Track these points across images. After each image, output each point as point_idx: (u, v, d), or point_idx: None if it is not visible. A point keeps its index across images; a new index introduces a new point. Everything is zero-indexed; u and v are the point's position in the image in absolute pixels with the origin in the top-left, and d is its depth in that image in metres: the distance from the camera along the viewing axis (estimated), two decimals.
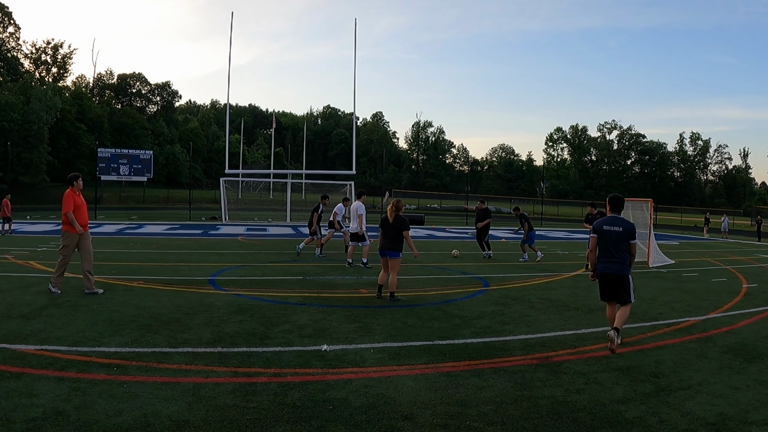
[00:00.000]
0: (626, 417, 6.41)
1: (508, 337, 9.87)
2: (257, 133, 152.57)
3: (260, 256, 20.17)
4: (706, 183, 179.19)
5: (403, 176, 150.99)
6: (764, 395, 7.45)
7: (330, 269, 17.42)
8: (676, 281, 18.28)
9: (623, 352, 9.21)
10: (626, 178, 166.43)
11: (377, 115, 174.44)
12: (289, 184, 47.94)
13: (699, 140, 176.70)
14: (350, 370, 7.62)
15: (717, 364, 8.83)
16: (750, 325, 11.86)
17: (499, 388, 7.10)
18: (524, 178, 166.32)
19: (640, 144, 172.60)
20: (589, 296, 14.41)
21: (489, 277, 16.79)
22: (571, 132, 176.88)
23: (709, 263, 25.30)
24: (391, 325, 10.25)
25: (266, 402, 6.34)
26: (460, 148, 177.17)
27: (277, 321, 10.25)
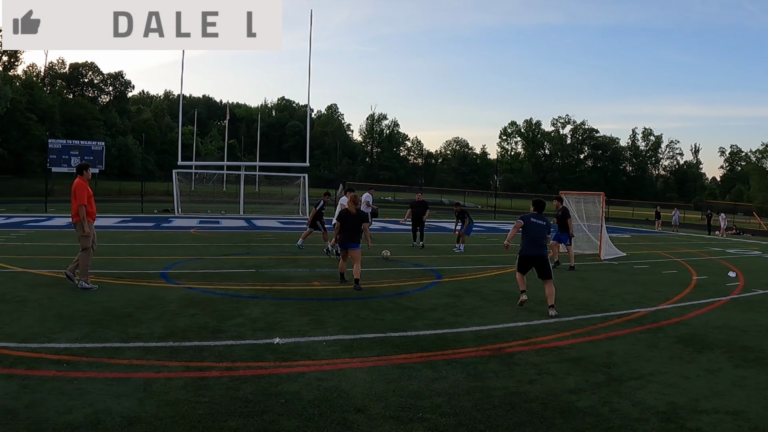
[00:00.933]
0: (578, 407, 6.48)
1: (461, 328, 9.90)
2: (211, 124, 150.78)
3: (213, 249, 19.98)
4: (658, 177, 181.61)
5: (357, 169, 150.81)
6: (714, 384, 7.59)
7: (283, 262, 17.32)
8: (628, 273, 18.49)
9: (575, 343, 9.33)
10: (579, 171, 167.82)
11: (332, 107, 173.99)
12: (243, 176, 47.67)
13: (651, 136, 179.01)
14: (303, 363, 7.58)
15: (668, 354, 8.99)
16: (700, 316, 12.08)
17: (452, 380, 7.13)
18: (478, 172, 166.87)
19: (594, 139, 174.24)
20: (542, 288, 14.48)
21: (442, 269, 16.81)
22: (525, 126, 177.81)
23: (660, 256, 25.62)
24: (344, 318, 10.22)
25: (218, 396, 6.29)
26: (414, 141, 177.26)
27: (229, 314, 10.16)
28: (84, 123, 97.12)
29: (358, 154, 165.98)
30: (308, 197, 46.15)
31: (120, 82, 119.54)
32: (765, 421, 6.40)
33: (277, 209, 49.76)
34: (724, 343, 9.87)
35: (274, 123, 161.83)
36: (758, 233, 57.99)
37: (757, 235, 53.36)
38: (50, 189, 53.42)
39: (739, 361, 8.83)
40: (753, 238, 47.45)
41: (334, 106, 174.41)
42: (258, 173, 68.30)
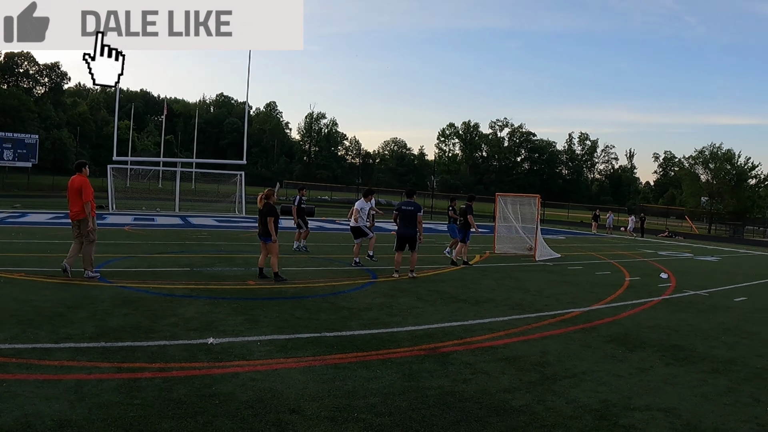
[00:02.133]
0: (513, 405, 6.54)
1: (396, 328, 9.91)
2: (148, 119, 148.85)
3: (147, 247, 19.68)
4: (593, 181, 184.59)
5: (294, 167, 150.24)
6: (646, 382, 7.77)
7: (218, 260, 17.13)
8: (562, 274, 18.72)
9: (509, 342, 9.41)
10: (516, 174, 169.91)
11: (270, 104, 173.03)
12: (179, 173, 47.09)
13: (587, 140, 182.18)
14: (237, 363, 7.49)
15: (600, 353, 9.14)
16: (632, 316, 12.33)
17: (387, 380, 7.12)
18: (416, 172, 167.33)
19: (531, 142, 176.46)
20: (477, 288, 14.66)
21: (377, 269, 16.80)
22: (463, 128, 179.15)
23: (593, 257, 25.98)
24: (279, 317, 10.14)
25: (151, 398, 6.17)
26: (352, 141, 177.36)
27: (162, 314, 9.99)
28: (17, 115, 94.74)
29: (295, 153, 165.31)
30: (245, 195, 45.82)
31: (56, 73, 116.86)
32: (696, 417, 6.56)
33: (213, 207, 49.30)
34: (656, 342, 10.10)
35: (212, 119, 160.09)
36: (690, 236, 59.43)
37: (689, 238, 54.71)
38: None
39: (670, 359, 9.05)
40: (685, 241, 48.55)
41: (273, 104, 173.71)
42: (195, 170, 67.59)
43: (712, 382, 8.03)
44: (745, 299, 15.83)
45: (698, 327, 11.68)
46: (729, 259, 31.69)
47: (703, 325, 11.97)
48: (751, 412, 6.90)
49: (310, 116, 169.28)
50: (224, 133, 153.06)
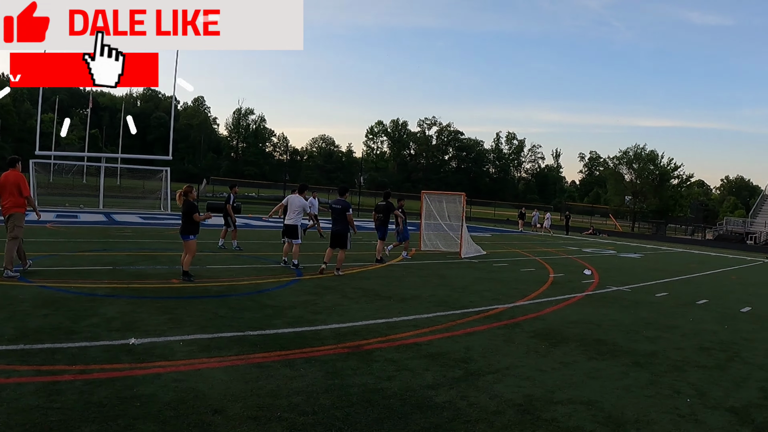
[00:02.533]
0: (436, 402, 6.57)
1: (320, 326, 9.86)
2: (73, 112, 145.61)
3: (70, 245, 19.22)
4: (520, 180, 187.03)
5: (222, 163, 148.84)
6: (568, 376, 7.91)
7: (142, 258, 16.81)
8: (487, 271, 18.89)
9: (434, 339, 9.45)
10: (443, 172, 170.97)
11: (199, 99, 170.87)
12: (103, 168, 46.24)
13: (514, 140, 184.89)
14: (159, 364, 7.36)
15: (524, 348, 9.27)
16: (556, 312, 12.52)
17: (311, 378, 7.08)
18: (344, 170, 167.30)
19: (459, 140, 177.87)
20: (402, 285, 14.71)
21: (303, 267, 16.68)
22: (391, 126, 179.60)
23: (519, 254, 26.29)
24: (202, 316, 10.00)
25: (71, 401, 6.02)
26: (280, 137, 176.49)
27: (84, 314, 9.74)
28: None
29: (223, 149, 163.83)
30: (170, 191, 45.17)
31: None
32: (618, 409, 6.72)
33: (139, 203, 48.50)
34: (579, 337, 10.30)
35: (139, 114, 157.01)
36: (614, 234, 60.57)
37: (613, 236, 55.75)
38: None
39: (593, 353, 9.24)
40: (609, 239, 49.40)
41: (201, 99, 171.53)
42: (120, 165, 66.52)
43: (633, 375, 8.22)
44: (666, 294, 16.21)
45: (620, 322, 11.94)
46: (651, 256, 32.42)
47: (625, 319, 12.24)
48: (671, 403, 7.10)
49: (238, 112, 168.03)
50: (151, 128, 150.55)
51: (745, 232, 67.20)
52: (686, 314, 13.47)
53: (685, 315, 13.36)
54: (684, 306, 14.62)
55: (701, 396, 7.46)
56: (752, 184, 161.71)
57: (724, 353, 9.97)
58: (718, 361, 9.39)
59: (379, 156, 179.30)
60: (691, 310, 14.17)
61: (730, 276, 23.96)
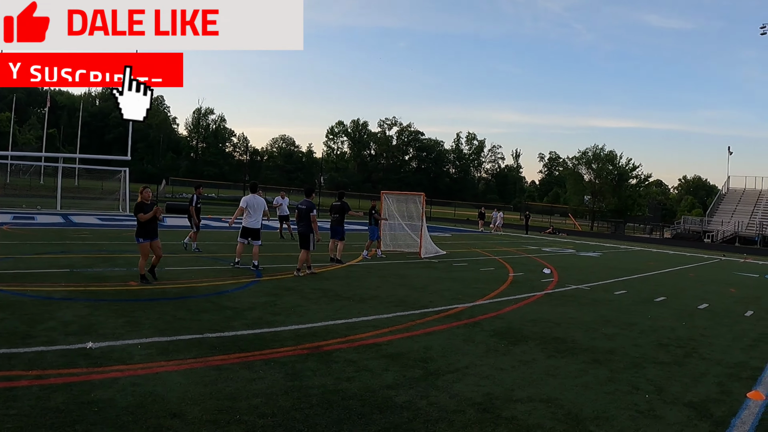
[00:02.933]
0: (396, 402, 6.58)
1: (279, 327, 9.83)
2: (31, 111, 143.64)
3: (26, 248, 18.94)
4: (480, 180, 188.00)
5: (181, 164, 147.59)
6: (528, 374, 7.98)
7: (99, 261, 16.61)
8: (447, 271, 18.95)
9: (393, 339, 9.47)
10: (404, 172, 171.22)
11: (158, 98, 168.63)
12: (60, 168, 45.61)
13: (475, 140, 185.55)
14: (117, 368, 7.28)
15: (484, 347, 9.33)
16: (515, 310, 12.62)
17: (270, 380, 7.06)
18: (304, 170, 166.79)
19: (419, 141, 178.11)
20: (362, 286, 14.72)
21: (262, 268, 16.61)
22: (352, 126, 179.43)
23: (479, 254, 26.42)
24: (160, 319, 9.90)
25: (28, 408, 5.93)
26: (240, 137, 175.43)
27: (40, 318, 9.60)
28: None
29: (183, 149, 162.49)
30: (129, 192, 44.74)
31: None
32: (577, 406, 6.79)
33: (97, 204, 47.95)
34: (538, 335, 10.39)
35: (98, 113, 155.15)
36: (573, 233, 61.04)
37: (572, 235, 56.17)
38: None
39: (552, 351, 9.34)
40: (568, 238, 49.72)
41: (161, 98, 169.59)
42: (78, 166, 65.80)
43: (592, 372, 8.32)
44: (625, 292, 16.40)
45: (580, 320, 12.07)
46: (610, 254, 32.76)
47: (585, 317, 12.39)
48: (629, 399, 7.20)
49: (197, 111, 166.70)
50: (110, 127, 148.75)
51: (702, 230, 68.18)
52: (645, 311, 13.64)
53: (643, 312, 13.52)
54: (642, 303, 14.80)
55: (660, 392, 7.56)
56: (709, 183, 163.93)
57: (682, 349, 10.11)
58: (676, 357, 9.53)
59: (340, 156, 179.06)
60: (650, 307, 14.35)
61: (688, 274, 24.26)
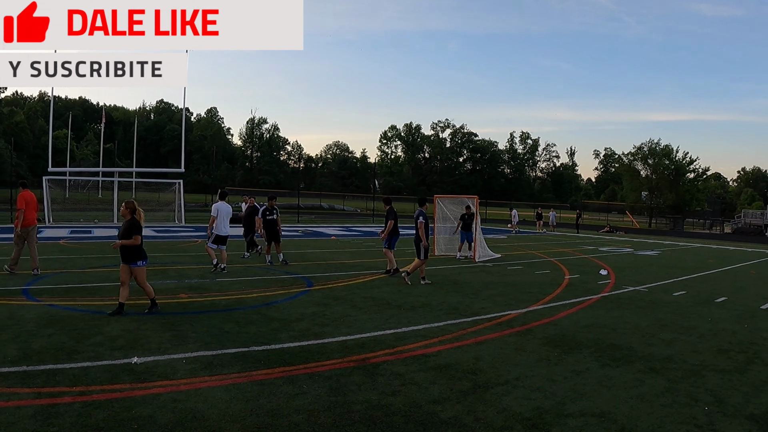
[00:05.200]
0: (441, 418, 6.40)
1: (327, 339, 9.72)
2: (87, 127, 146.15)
3: (80, 262, 19.18)
4: (535, 179, 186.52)
5: (236, 174, 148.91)
6: (580, 386, 7.69)
7: (151, 273, 16.45)
8: (501, 275, 18.68)
9: (442, 349, 9.28)
10: (458, 174, 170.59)
11: (212, 110, 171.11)
12: (116, 182, 46.31)
13: (529, 139, 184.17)
14: (159, 383, 7.23)
15: (535, 356, 9.06)
16: (569, 316, 12.32)
17: (313, 395, 6.94)
18: (358, 175, 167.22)
19: (472, 142, 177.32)
20: (413, 293, 14.53)
21: (313, 277, 16.57)
22: (405, 130, 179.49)
23: (534, 256, 26.09)
24: (207, 332, 9.87)
25: (68, 425, 5.92)
26: (294, 145, 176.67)
27: (88, 333, 9.64)
28: None
29: (237, 159, 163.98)
30: (183, 203, 45.22)
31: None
32: (631, 421, 6.49)
33: (153, 216, 48.47)
34: (593, 342, 10.07)
35: (152, 127, 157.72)
36: (631, 231, 60.04)
37: (630, 233, 55.26)
38: None
39: (606, 360, 9.01)
40: (626, 236, 48.99)
41: (214, 110, 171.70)
42: (135, 179, 66.68)
43: (648, 382, 7.99)
44: (684, 293, 15.98)
45: (636, 324, 11.71)
46: (669, 252, 32.09)
47: (641, 322, 12.01)
48: (688, 412, 6.86)
49: (251, 121, 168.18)
50: (165, 141, 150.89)
51: (763, 224, 66.62)
52: (704, 314, 13.22)
53: (702, 314, 13.10)
54: (702, 305, 14.37)
55: (719, 403, 7.21)
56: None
57: (744, 355, 9.71)
58: (737, 364, 9.13)
59: (394, 160, 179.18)
60: (710, 308, 13.93)
61: (750, 271, 23.62)
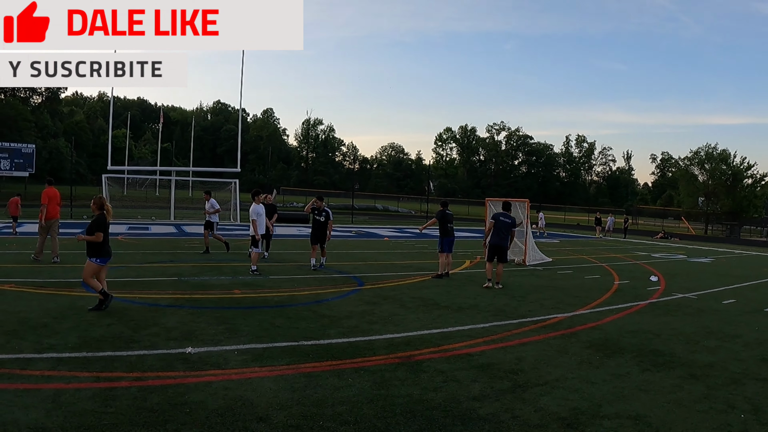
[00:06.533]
0: (480, 414, 6.57)
1: (374, 336, 9.95)
2: (145, 127, 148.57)
3: (138, 257, 19.65)
4: (591, 183, 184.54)
5: (292, 174, 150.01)
6: (619, 389, 7.75)
7: (207, 270, 17.08)
8: (550, 279, 18.75)
9: (486, 349, 9.44)
10: (513, 177, 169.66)
11: (268, 111, 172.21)
12: (173, 181, 47.20)
13: (584, 142, 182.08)
14: (212, 372, 7.57)
15: (577, 359, 9.13)
16: (615, 321, 12.31)
17: (357, 388, 7.18)
18: (413, 177, 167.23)
19: (528, 145, 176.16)
20: (461, 294, 14.71)
21: (365, 276, 16.85)
22: (460, 132, 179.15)
23: (586, 261, 26.02)
24: (259, 326, 10.19)
25: (124, 407, 6.28)
26: (350, 146, 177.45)
27: (145, 324, 10.05)
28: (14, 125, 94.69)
29: (293, 159, 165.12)
30: (239, 203, 45.82)
31: None
32: (666, 425, 6.56)
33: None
34: (636, 347, 10.08)
35: (209, 127, 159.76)
36: (686, 237, 59.30)
37: (685, 239, 54.54)
38: None
39: (647, 365, 9.03)
40: (680, 242, 48.44)
41: (270, 111, 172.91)
42: (191, 178, 67.70)
43: (687, 388, 8.01)
44: (734, 301, 15.83)
45: (681, 331, 11.67)
46: (723, 260, 31.71)
47: (687, 328, 11.95)
48: (723, 418, 6.87)
49: (307, 122, 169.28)
50: (221, 140, 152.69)
51: None
52: (752, 323, 13.10)
53: (750, 323, 12.99)
54: (751, 314, 14.25)
55: (756, 411, 7.20)
56: None
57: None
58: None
59: (449, 163, 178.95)
60: (758, 318, 13.79)
61: None
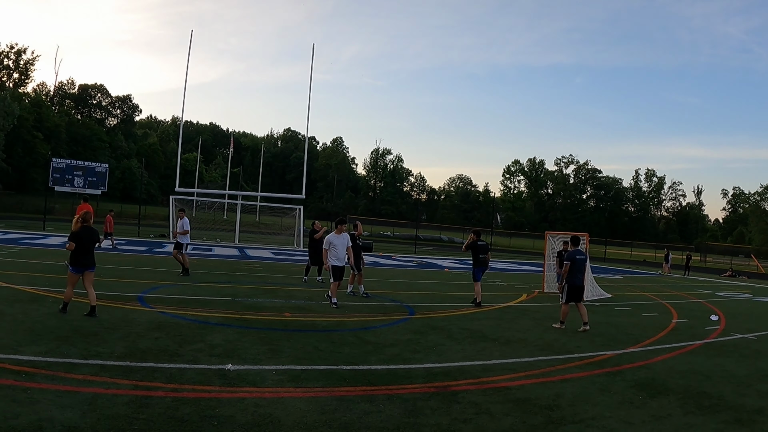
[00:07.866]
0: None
1: (415, 365, 9.94)
2: (216, 152, 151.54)
3: (197, 276, 19.98)
4: (660, 219, 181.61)
5: (359, 202, 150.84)
6: (657, 431, 7.48)
7: (261, 292, 17.29)
8: (606, 315, 18.47)
9: (525, 384, 9.32)
10: (581, 211, 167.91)
11: (337, 140, 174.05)
12: (239, 205, 47.75)
13: (654, 177, 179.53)
14: (246, 389, 7.73)
15: (618, 398, 8.90)
16: (666, 360, 12.01)
17: (387, 414, 7.19)
18: (480, 209, 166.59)
19: (596, 179, 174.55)
20: (512, 327, 14.58)
21: (417, 306, 16.85)
22: (528, 165, 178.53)
23: (646, 297, 25.56)
24: (302, 349, 10.31)
25: (157, 414, 6.50)
26: (417, 177, 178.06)
27: (191, 339, 10.32)
28: (89, 144, 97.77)
29: (361, 188, 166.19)
30: (302, 229, 46.24)
31: (128, 105, 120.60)
32: None
33: (273, 240, 49.87)
34: (682, 388, 9.77)
35: (279, 153, 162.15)
36: (755, 276, 57.72)
37: (753, 278, 53.05)
38: (50, 207, 53.82)
39: (692, 407, 8.72)
40: (748, 281, 47.23)
41: (340, 139, 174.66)
42: (259, 203, 68.57)
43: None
44: None
45: (734, 373, 11.28)
46: None
47: (740, 371, 11.55)
48: None
49: (375, 152, 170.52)
50: (290, 167, 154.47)
51: None
52: None
53: None
54: None
55: None
56: None
57: None
58: None
59: (516, 195, 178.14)
60: None
61: None
